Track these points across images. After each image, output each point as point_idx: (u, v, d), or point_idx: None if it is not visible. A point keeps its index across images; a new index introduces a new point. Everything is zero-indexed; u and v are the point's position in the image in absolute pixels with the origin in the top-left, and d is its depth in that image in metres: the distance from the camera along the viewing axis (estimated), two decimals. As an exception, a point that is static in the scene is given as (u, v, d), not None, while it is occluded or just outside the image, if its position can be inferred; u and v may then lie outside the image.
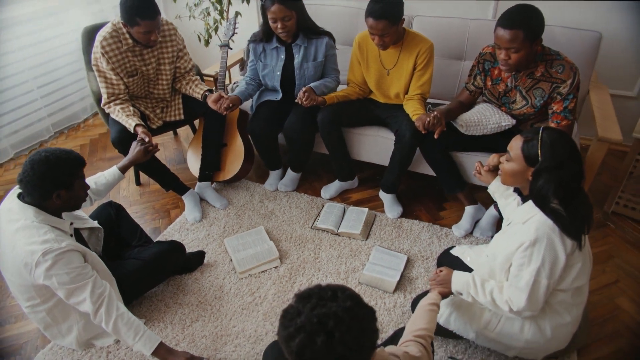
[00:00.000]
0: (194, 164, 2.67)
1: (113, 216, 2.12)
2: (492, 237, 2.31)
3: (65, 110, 3.40)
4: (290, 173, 2.69)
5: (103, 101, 2.31)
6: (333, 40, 2.46)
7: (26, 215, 1.56)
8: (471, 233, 2.34)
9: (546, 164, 1.40)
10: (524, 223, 1.49)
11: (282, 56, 2.42)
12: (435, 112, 2.06)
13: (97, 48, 2.21)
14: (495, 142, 2.21)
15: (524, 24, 1.82)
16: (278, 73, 2.45)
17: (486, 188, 1.89)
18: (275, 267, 2.17)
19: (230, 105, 2.33)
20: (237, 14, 3.07)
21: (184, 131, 3.28)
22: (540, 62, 1.96)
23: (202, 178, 2.59)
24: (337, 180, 2.67)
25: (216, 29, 3.08)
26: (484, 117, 2.15)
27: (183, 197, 2.52)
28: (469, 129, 2.16)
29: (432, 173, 2.42)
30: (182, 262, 2.09)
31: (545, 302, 1.50)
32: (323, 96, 2.37)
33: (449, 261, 2.00)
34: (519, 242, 1.45)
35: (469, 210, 2.36)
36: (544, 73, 1.96)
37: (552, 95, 1.96)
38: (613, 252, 2.24)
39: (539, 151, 1.42)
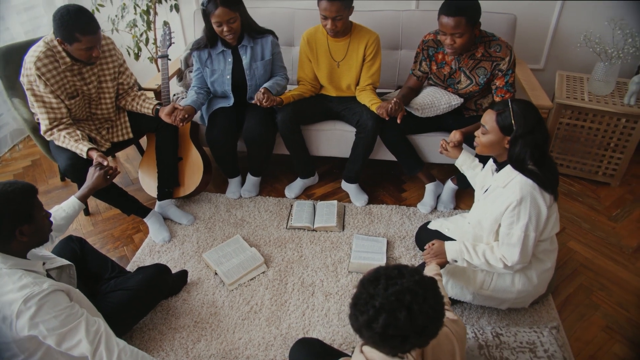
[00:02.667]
0: (148, 183, 2.53)
1: (77, 251, 1.94)
2: (454, 208, 2.53)
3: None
4: (251, 178, 2.66)
5: (44, 128, 2.10)
6: (276, 38, 2.48)
7: None
8: (435, 208, 2.52)
9: (520, 131, 1.58)
10: (505, 187, 1.66)
11: (230, 59, 2.39)
12: (395, 99, 2.19)
13: (30, 70, 2.00)
14: (446, 121, 2.41)
15: (465, 10, 2.00)
16: (228, 77, 2.41)
17: (440, 165, 2.05)
18: (263, 272, 2.15)
19: (186, 116, 2.25)
20: (165, 23, 2.95)
21: (123, 152, 3.07)
22: (480, 44, 2.17)
23: (161, 196, 2.46)
24: (298, 178, 2.69)
25: (146, 41, 2.93)
26: (436, 99, 2.32)
27: (146, 220, 2.38)
28: (424, 112, 2.32)
29: (386, 158, 2.56)
30: (170, 284, 1.98)
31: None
32: (279, 96, 2.39)
33: (427, 236, 2.15)
34: (507, 204, 1.62)
35: (429, 187, 2.54)
36: (483, 53, 2.17)
37: (493, 73, 2.18)
38: (553, 204, 2.56)
39: (513, 121, 1.59)
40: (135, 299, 1.79)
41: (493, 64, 2.17)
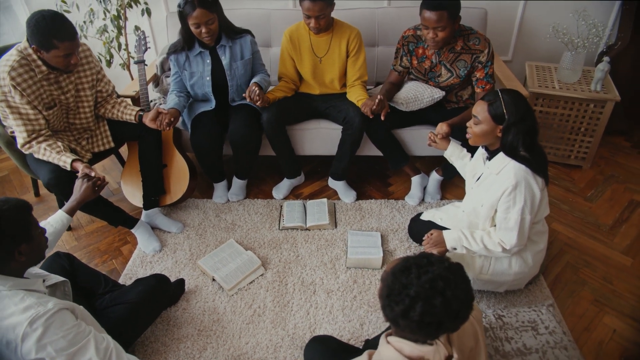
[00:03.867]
0: (132, 193, 2.45)
1: (67, 267, 1.86)
2: (440, 199, 2.60)
3: None
4: (237, 181, 2.63)
5: (21, 141, 2.00)
6: (254, 37, 2.47)
7: None
8: (423, 199, 2.58)
9: (513, 119, 1.64)
10: (498, 174, 1.73)
11: (208, 60, 2.35)
12: (379, 97, 2.22)
13: (4, 81, 1.90)
14: (428, 115, 2.47)
15: (447, 5, 2.06)
16: (208, 78, 2.38)
17: (422, 157, 2.10)
18: (262, 275, 2.13)
19: (172, 119, 2.20)
20: (137, 28, 2.88)
21: (99, 163, 2.95)
22: (459, 38, 2.24)
23: (148, 205, 2.39)
24: (285, 179, 2.69)
25: (118, 47, 2.83)
26: (419, 93, 2.38)
27: (133, 231, 2.30)
28: (408, 106, 2.37)
29: (371, 154, 2.60)
30: (170, 294, 1.93)
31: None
32: (265, 94, 2.38)
33: (420, 227, 2.20)
34: (502, 189, 1.68)
35: (415, 179, 2.59)
36: (463, 46, 2.24)
37: (474, 65, 2.26)
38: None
39: (504, 110, 1.65)
40: (136, 312, 1.73)
41: (473, 56, 2.24)
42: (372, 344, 1.75)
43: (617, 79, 2.74)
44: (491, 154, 1.80)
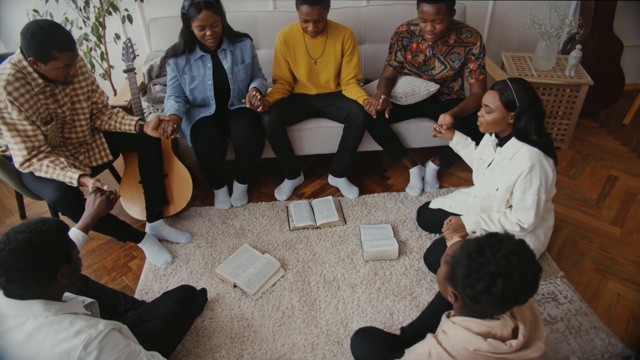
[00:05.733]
0: (132, 205, 2.36)
1: (82, 288, 1.78)
2: (439, 187, 2.69)
3: None
4: (238, 186, 2.60)
5: (20, 159, 1.88)
6: (252, 41, 2.45)
7: (34, 313, 1.24)
8: (423, 189, 2.66)
9: (524, 106, 1.75)
10: (512, 158, 1.83)
11: (209, 64, 2.31)
12: (383, 96, 2.28)
13: (0, 97, 1.78)
14: (424, 108, 2.56)
15: None
16: (210, 82, 2.33)
17: (413, 149, 2.18)
18: (283, 276, 2.13)
19: (174, 126, 2.15)
20: (117, 36, 2.77)
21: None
22: (451, 31, 2.34)
23: (152, 218, 2.31)
24: (286, 180, 2.69)
25: (101, 56, 2.71)
26: (415, 87, 2.46)
27: (141, 245, 2.22)
28: (407, 100, 2.45)
29: (368, 149, 2.65)
30: (199, 303, 1.89)
31: (541, 214, 1.89)
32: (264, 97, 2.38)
33: (429, 215, 2.29)
34: (518, 172, 1.78)
35: (414, 171, 2.67)
36: (456, 40, 2.34)
37: (467, 57, 2.36)
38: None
39: (515, 97, 1.75)
40: (170, 326, 1.69)
41: (466, 49, 2.34)
42: (407, 331, 1.81)
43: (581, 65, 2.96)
44: (502, 141, 1.90)
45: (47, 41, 1.74)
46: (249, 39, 2.39)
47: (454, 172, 2.80)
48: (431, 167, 2.68)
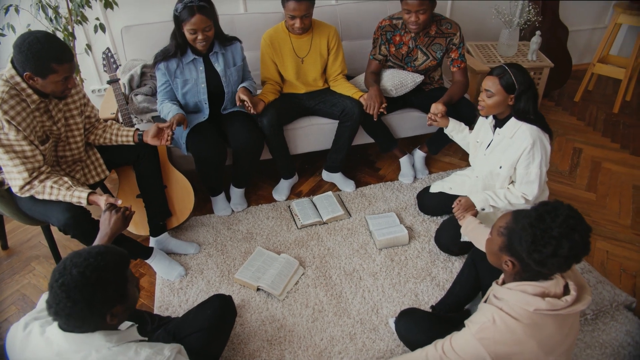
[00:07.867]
0: (132, 221, 2.26)
1: (106, 311, 1.70)
2: (429, 173, 2.82)
3: None
4: (237, 191, 2.57)
5: (21, 183, 1.74)
6: (241, 44, 2.43)
7: (95, 346, 1.15)
8: (415, 177, 2.78)
9: (522, 88, 1.89)
10: (512, 137, 1.97)
11: (201, 67, 2.27)
12: (380, 98, 2.37)
13: (-6, 116, 1.64)
14: (410, 99, 2.67)
15: None
16: (203, 85, 2.29)
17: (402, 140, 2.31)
18: (303, 274, 2.14)
19: (174, 131, 2.10)
20: (88, 47, 2.63)
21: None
22: (432, 23, 2.46)
23: (156, 232, 2.23)
24: (282, 180, 2.69)
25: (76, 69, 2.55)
26: (402, 78, 2.56)
27: (149, 261, 2.13)
28: (397, 91, 2.54)
29: (359, 143, 2.72)
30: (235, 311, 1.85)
31: (541, 185, 2.05)
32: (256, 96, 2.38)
33: (431, 200, 2.40)
34: (521, 149, 1.92)
35: (404, 160, 2.78)
36: (437, 31, 2.47)
37: (448, 47, 2.50)
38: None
39: (514, 80, 1.89)
40: (213, 337, 1.64)
41: (447, 39, 2.48)
42: (439, 307, 1.90)
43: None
44: (500, 122, 2.04)
45: (46, 54, 1.63)
46: (239, 42, 2.37)
47: (439, 157, 2.94)
48: (419, 154, 2.80)
